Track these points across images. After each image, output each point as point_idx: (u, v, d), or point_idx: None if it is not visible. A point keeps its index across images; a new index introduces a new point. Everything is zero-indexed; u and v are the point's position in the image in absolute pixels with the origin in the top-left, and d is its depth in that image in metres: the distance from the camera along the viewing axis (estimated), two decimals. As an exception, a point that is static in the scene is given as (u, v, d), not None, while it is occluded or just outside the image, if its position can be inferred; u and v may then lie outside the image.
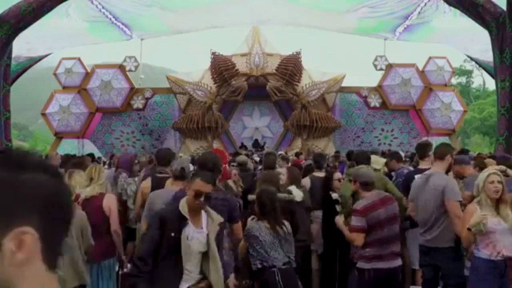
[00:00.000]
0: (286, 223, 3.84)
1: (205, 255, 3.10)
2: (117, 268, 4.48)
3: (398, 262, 3.98)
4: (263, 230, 3.67)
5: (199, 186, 3.05)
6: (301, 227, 4.52)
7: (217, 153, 5.24)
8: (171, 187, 4.19)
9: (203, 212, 3.18)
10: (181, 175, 4.20)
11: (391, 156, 5.99)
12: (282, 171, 5.36)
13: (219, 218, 3.22)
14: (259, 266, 3.64)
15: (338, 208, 4.94)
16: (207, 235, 3.10)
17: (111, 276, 4.21)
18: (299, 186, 5.11)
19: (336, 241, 4.76)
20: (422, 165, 5.01)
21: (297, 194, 4.84)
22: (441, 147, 4.59)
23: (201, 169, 3.61)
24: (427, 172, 4.42)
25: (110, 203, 4.18)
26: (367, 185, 4.03)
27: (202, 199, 3.05)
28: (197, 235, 3.08)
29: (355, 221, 3.92)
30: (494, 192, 3.63)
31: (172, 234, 2.99)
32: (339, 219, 4.31)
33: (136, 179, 5.68)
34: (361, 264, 3.96)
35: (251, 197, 4.55)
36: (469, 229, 3.59)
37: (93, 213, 4.05)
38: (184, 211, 3.05)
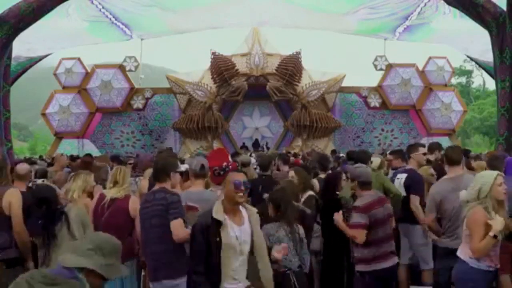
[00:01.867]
0: (300, 226, 3.79)
1: (250, 256, 2.95)
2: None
3: (395, 260, 4.05)
4: (281, 231, 3.65)
5: (236, 176, 2.98)
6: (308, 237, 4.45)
7: (218, 151, 5.25)
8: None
9: (241, 207, 3.03)
10: (201, 173, 4.08)
11: (397, 154, 5.99)
12: (291, 174, 5.07)
13: (254, 209, 3.09)
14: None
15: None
16: (252, 230, 2.97)
17: (131, 277, 4.08)
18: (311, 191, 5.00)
19: (338, 242, 4.74)
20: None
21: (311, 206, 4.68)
22: (454, 151, 4.48)
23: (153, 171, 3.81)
24: (451, 175, 4.34)
25: (137, 205, 4.06)
26: (365, 184, 4.06)
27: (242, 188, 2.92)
28: (242, 234, 2.94)
29: (357, 218, 3.86)
30: (503, 194, 3.33)
31: (217, 239, 2.85)
32: (338, 216, 4.16)
33: (137, 179, 5.68)
34: (360, 267, 3.97)
35: (266, 195, 4.45)
36: (495, 236, 3.17)
37: (117, 214, 4.00)
38: (218, 214, 2.89)
